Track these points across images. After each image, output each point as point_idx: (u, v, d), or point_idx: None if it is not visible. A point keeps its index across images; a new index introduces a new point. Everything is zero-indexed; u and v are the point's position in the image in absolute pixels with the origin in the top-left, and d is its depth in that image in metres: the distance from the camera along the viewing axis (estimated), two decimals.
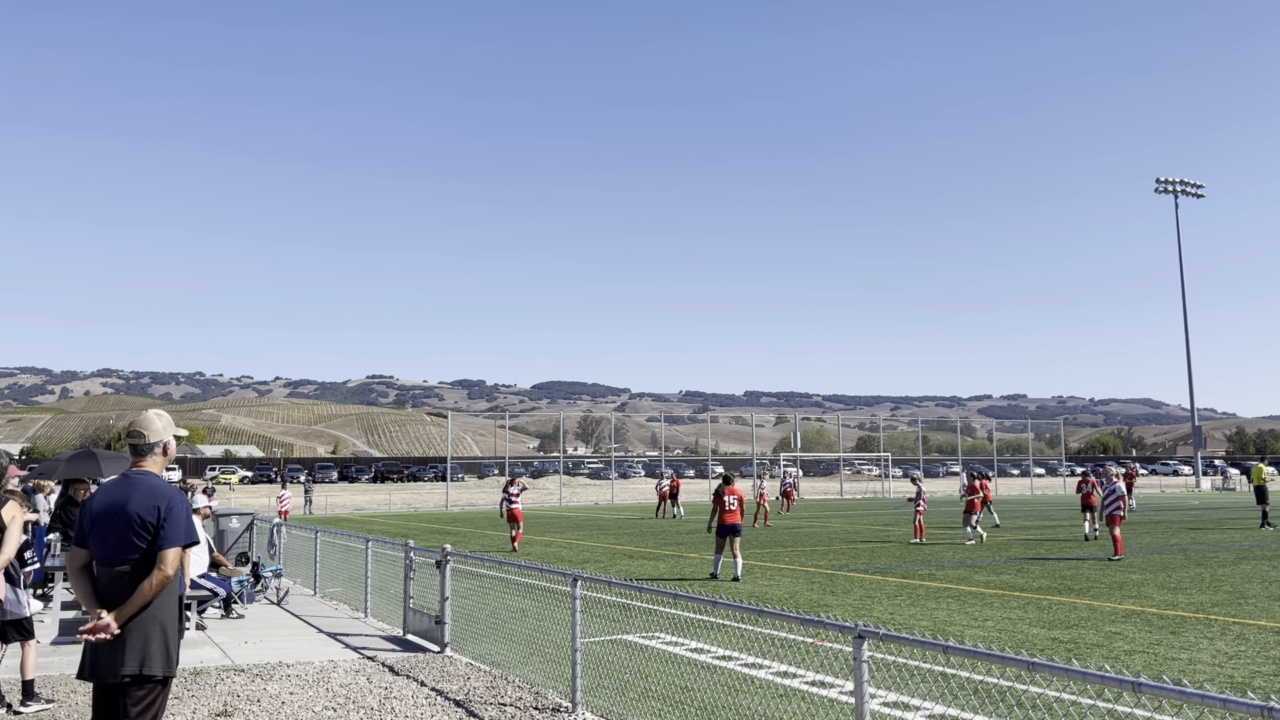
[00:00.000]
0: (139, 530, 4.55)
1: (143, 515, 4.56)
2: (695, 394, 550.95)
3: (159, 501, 4.59)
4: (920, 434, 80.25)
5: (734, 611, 8.52)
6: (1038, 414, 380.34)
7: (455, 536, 30.13)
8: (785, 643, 10.76)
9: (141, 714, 4.47)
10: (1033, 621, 12.43)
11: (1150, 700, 7.91)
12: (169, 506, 4.60)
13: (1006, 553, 22.02)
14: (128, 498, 4.61)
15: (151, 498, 4.60)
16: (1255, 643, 10.80)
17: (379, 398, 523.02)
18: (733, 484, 17.98)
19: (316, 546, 16.87)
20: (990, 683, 8.78)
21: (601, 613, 13.26)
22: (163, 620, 4.58)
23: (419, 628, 11.71)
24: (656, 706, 8.24)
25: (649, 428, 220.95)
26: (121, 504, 4.60)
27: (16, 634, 8.32)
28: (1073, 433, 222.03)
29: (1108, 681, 4.06)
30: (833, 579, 17.27)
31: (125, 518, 4.56)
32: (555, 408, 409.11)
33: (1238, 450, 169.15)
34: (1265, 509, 29.33)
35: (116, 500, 4.63)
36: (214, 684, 9.18)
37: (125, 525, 4.56)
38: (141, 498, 4.60)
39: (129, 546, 4.56)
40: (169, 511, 4.59)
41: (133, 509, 4.57)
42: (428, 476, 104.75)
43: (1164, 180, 77.83)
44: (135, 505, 4.58)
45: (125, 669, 4.45)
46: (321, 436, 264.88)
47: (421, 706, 8.28)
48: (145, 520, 4.55)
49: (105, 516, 4.62)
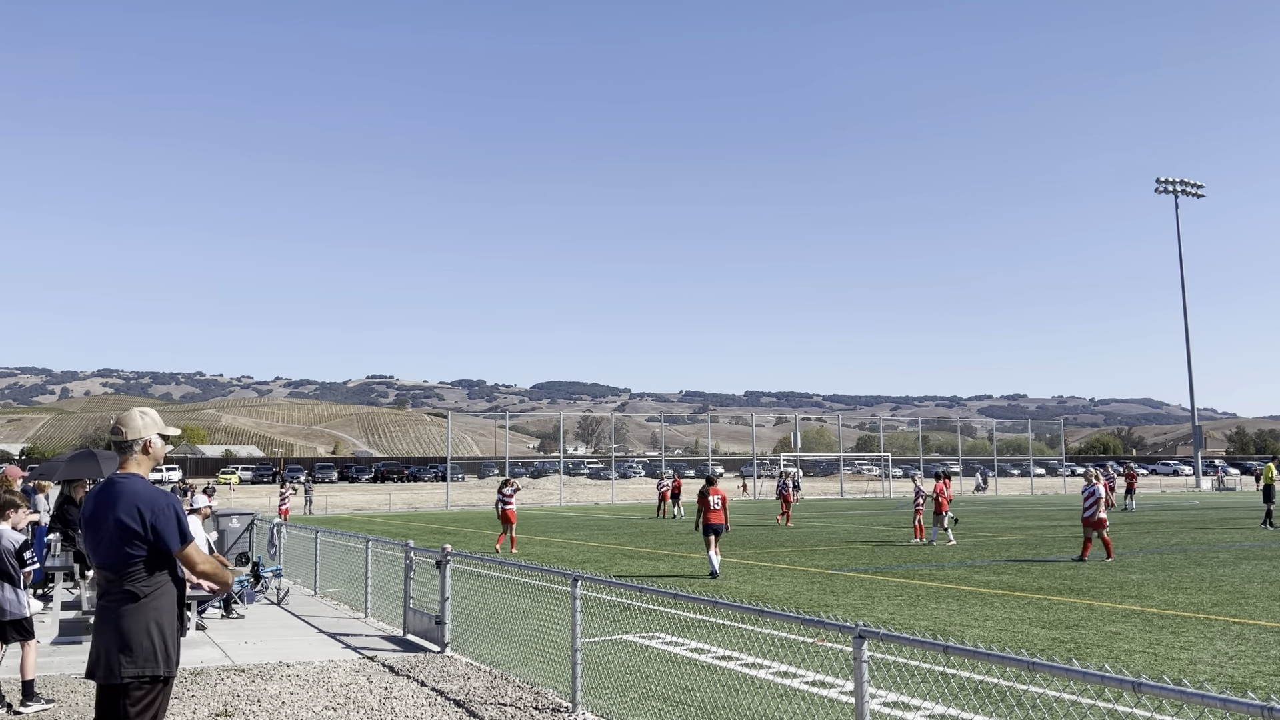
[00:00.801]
0: (126, 537, 4.52)
1: (128, 523, 4.51)
2: (695, 394, 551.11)
3: (142, 508, 4.53)
4: (920, 434, 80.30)
5: (734, 611, 8.52)
6: (1038, 414, 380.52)
7: (455, 537, 30.13)
8: (785, 643, 10.76)
9: (141, 714, 4.48)
10: (1033, 621, 12.43)
11: (1150, 700, 7.91)
12: (153, 513, 4.53)
13: (1006, 553, 22.02)
14: (113, 504, 4.57)
15: (134, 504, 4.54)
16: (1255, 643, 10.79)
17: (379, 398, 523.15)
18: (716, 484, 18.57)
19: (316, 546, 16.88)
20: (990, 683, 8.78)
21: (602, 613, 13.26)
22: (161, 621, 4.58)
23: (419, 628, 11.71)
24: (656, 706, 8.24)
25: (649, 428, 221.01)
26: (106, 511, 4.58)
27: (16, 634, 8.32)
28: (1073, 433, 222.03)
29: (1108, 681, 4.06)
30: (833, 579, 17.27)
31: (111, 525, 4.54)
32: (555, 408, 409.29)
33: (1238, 450, 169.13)
34: (1270, 509, 29.29)
35: (101, 506, 4.61)
36: (214, 684, 9.18)
37: (112, 532, 4.53)
38: (125, 504, 4.54)
39: (119, 553, 4.54)
40: (155, 518, 4.53)
41: (117, 516, 4.53)
42: (428, 476, 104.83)
43: (1164, 180, 77.82)
44: (120, 512, 4.53)
45: (125, 670, 4.45)
46: (322, 436, 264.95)
47: (421, 706, 8.28)
48: (131, 527, 4.51)
49: (94, 522, 4.62)
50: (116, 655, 4.47)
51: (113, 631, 4.50)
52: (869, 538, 27.25)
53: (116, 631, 4.49)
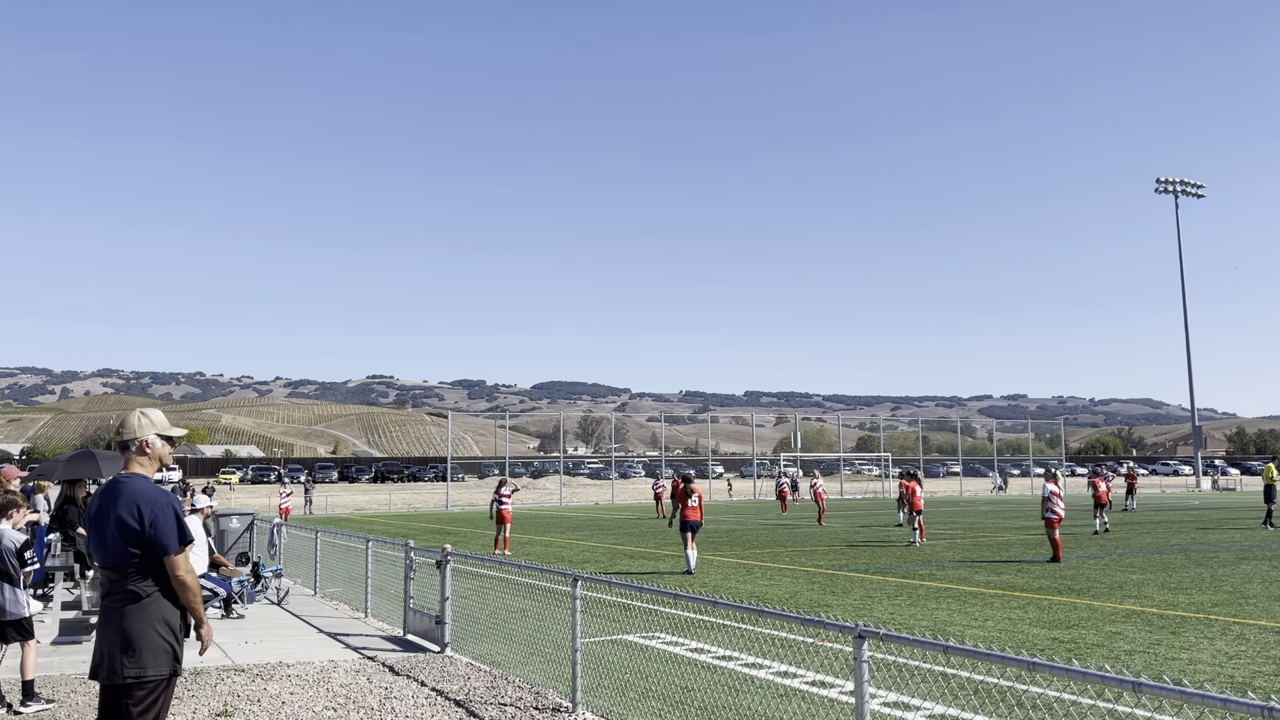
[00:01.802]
0: (126, 536, 4.56)
1: (127, 521, 4.55)
2: (695, 394, 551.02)
3: (142, 507, 4.57)
4: (920, 434, 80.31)
5: (734, 611, 8.52)
6: (1038, 414, 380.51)
7: (455, 537, 30.13)
8: (786, 643, 10.76)
9: (143, 714, 4.49)
10: (1033, 621, 12.43)
11: (1150, 700, 7.91)
12: (152, 513, 4.57)
13: (1006, 553, 22.02)
14: (114, 503, 4.62)
15: (133, 503, 4.58)
16: (1255, 643, 10.79)
17: (379, 398, 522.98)
18: (692, 482, 19.38)
19: (317, 546, 16.88)
20: (990, 683, 8.78)
21: (602, 613, 13.26)
22: (164, 621, 4.60)
23: (419, 628, 11.71)
24: (657, 706, 8.23)
25: (649, 428, 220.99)
26: (109, 510, 4.62)
27: (16, 634, 8.32)
28: (1073, 433, 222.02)
29: (1108, 681, 4.06)
30: (833, 579, 17.27)
31: (112, 524, 4.58)
32: (555, 408, 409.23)
33: (1238, 450, 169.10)
34: (1271, 509, 29.28)
35: (105, 506, 4.66)
36: (214, 684, 9.18)
37: (114, 531, 4.58)
38: (125, 503, 4.59)
39: (121, 552, 4.58)
40: (153, 518, 4.56)
41: (118, 515, 4.58)
42: (428, 476, 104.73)
43: (1164, 180, 77.82)
44: (120, 510, 4.58)
45: (128, 671, 4.46)
46: (322, 436, 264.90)
47: (422, 706, 8.28)
48: (129, 525, 4.55)
49: (98, 521, 4.67)
50: (120, 656, 4.48)
51: (116, 632, 4.51)
52: (869, 538, 27.25)
53: (120, 632, 4.50)
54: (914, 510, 24.92)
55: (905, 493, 25.58)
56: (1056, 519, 20.37)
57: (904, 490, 25.75)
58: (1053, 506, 20.55)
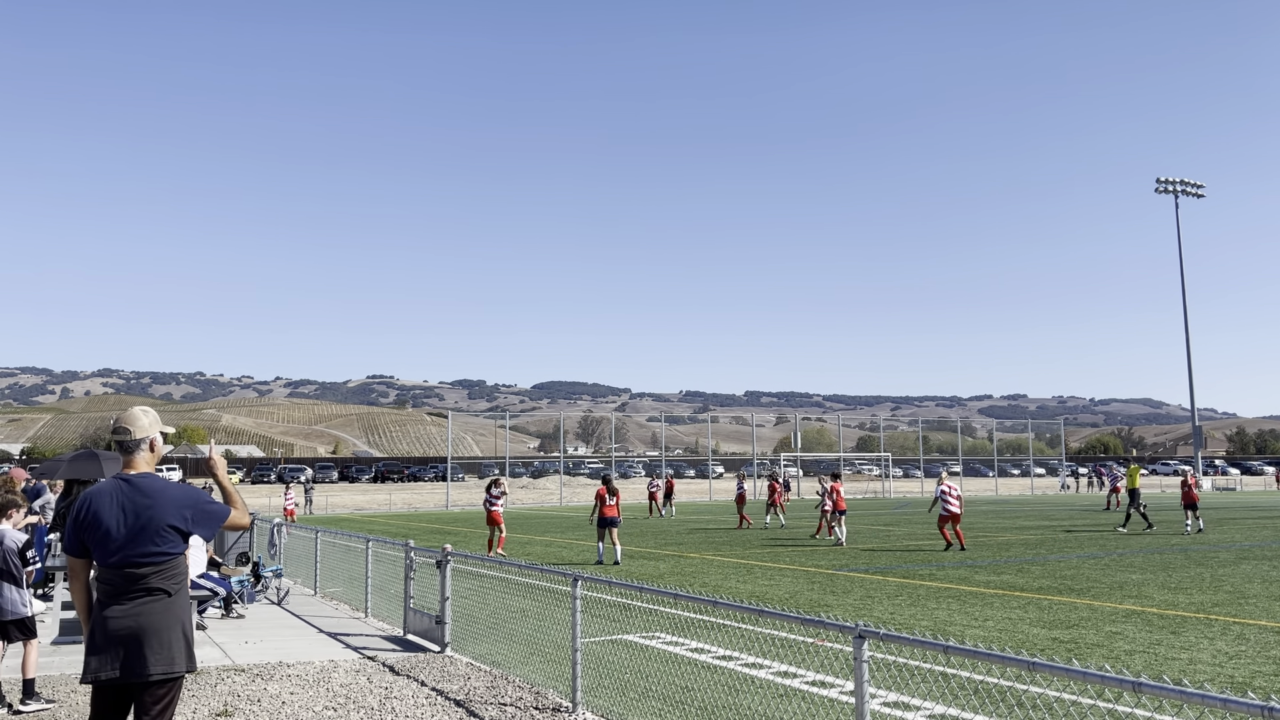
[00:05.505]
0: (171, 536, 4.56)
1: (176, 523, 4.57)
2: (695, 394, 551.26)
3: (185, 507, 4.63)
4: (920, 434, 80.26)
5: (734, 611, 8.53)
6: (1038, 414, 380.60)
7: (456, 536, 30.13)
8: (786, 643, 10.77)
9: (163, 710, 4.49)
10: (1033, 621, 12.44)
11: (1150, 700, 7.92)
12: (195, 508, 4.66)
13: (1006, 553, 22.02)
14: (150, 504, 4.54)
15: (178, 503, 4.61)
16: (1256, 643, 10.80)
17: (379, 398, 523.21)
18: (610, 483, 21.13)
19: (317, 546, 16.88)
20: (990, 683, 8.79)
21: (602, 613, 13.26)
22: (184, 618, 4.63)
23: (419, 628, 11.71)
24: (657, 706, 8.24)
25: (649, 428, 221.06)
26: (128, 508, 4.53)
27: (19, 633, 8.33)
28: (1073, 433, 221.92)
29: (1108, 681, 4.06)
30: (833, 579, 17.27)
31: (152, 526, 4.52)
32: (555, 408, 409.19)
33: (1238, 450, 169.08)
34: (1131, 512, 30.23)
35: (123, 504, 4.54)
36: (214, 684, 9.18)
37: (154, 530, 4.52)
38: (167, 504, 4.57)
39: (152, 552, 4.52)
40: (198, 513, 4.67)
41: (161, 516, 4.54)
42: (428, 476, 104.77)
43: (1164, 180, 77.74)
44: (163, 511, 4.55)
45: (154, 669, 4.45)
46: (322, 436, 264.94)
47: (422, 706, 8.29)
48: (178, 528, 4.58)
49: (106, 520, 4.53)
50: (145, 653, 4.46)
51: (141, 628, 4.46)
52: (869, 538, 27.25)
53: (147, 628, 4.47)
54: (837, 510, 25.18)
55: (830, 492, 25.66)
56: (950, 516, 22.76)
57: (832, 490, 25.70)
58: (948, 505, 22.86)
